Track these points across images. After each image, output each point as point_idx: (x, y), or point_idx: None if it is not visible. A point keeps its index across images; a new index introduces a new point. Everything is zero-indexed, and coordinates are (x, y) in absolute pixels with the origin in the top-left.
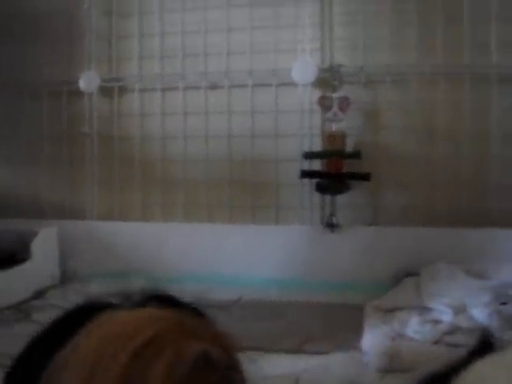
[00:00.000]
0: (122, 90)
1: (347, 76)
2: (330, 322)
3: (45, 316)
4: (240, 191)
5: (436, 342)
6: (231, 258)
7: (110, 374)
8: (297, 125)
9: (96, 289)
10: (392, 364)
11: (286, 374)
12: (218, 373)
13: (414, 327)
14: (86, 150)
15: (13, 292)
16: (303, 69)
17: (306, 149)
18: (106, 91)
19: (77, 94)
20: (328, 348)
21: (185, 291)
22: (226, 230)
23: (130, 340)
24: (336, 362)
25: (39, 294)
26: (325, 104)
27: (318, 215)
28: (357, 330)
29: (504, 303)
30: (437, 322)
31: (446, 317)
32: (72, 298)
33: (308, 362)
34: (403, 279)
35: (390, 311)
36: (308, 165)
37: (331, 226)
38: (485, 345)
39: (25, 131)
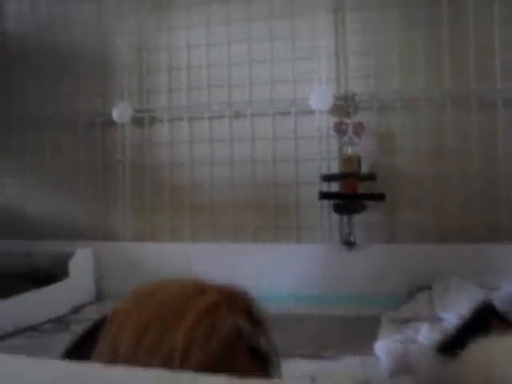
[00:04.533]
0: (153, 120)
1: (361, 103)
2: (346, 332)
3: (82, 328)
4: (263, 213)
5: None
6: (254, 274)
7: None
8: (315, 149)
9: None
10: (402, 365)
11: (302, 374)
12: (245, 341)
13: (425, 334)
14: (119, 177)
15: (52, 307)
16: (320, 97)
17: (324, 172)
18: (137, 121)
19: (111, 124)
20: (343, 354)
21: None
22: (249, 248)
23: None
24: (350, 364)
25: (76, 310)
26: (341, 129)
27: (337, 234)
28: (372, 339)
29: None
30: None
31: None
32: (107, 312)
33: (324, 365)
34: (416, 293)
35: (405, 322)
36: (326, 187)
37: (349, 244)
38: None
39: (63, 160)
